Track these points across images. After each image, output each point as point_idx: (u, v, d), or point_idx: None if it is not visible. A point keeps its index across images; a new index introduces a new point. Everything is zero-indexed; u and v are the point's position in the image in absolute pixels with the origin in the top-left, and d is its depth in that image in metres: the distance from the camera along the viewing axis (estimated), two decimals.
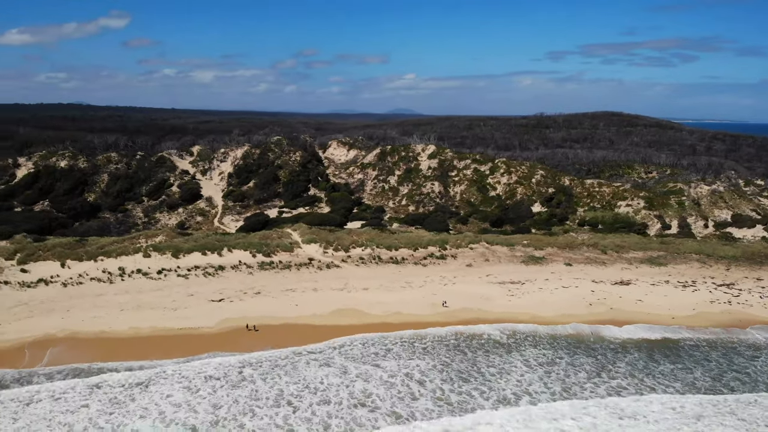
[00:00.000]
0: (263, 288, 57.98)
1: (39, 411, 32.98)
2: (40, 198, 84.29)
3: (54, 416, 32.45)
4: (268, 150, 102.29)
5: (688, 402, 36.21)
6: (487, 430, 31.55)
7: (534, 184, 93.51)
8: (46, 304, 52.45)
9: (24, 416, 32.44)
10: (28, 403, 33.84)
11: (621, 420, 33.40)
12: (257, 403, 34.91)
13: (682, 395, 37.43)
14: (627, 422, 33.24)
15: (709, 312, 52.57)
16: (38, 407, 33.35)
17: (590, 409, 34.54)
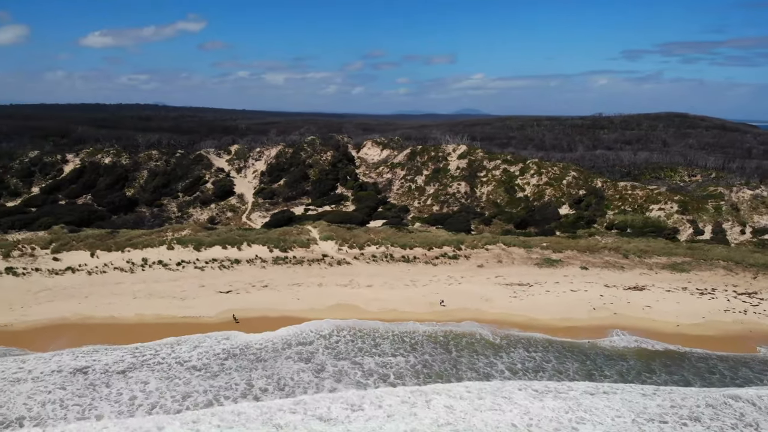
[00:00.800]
0: (271, 281, 59.83)
1: (22, 388, 35.90)
2: (83, 192, 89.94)
3: (32, 395, 35.19)
4: (301, 149, 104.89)
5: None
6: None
7: (564, 186, 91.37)
8: (68, 290, 56.27)
9: (5, 393, 35.38)
10: (14, 381, 36.88)
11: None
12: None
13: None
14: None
15: (719, 321, 50.10)
16: (22, 386, 36.23)
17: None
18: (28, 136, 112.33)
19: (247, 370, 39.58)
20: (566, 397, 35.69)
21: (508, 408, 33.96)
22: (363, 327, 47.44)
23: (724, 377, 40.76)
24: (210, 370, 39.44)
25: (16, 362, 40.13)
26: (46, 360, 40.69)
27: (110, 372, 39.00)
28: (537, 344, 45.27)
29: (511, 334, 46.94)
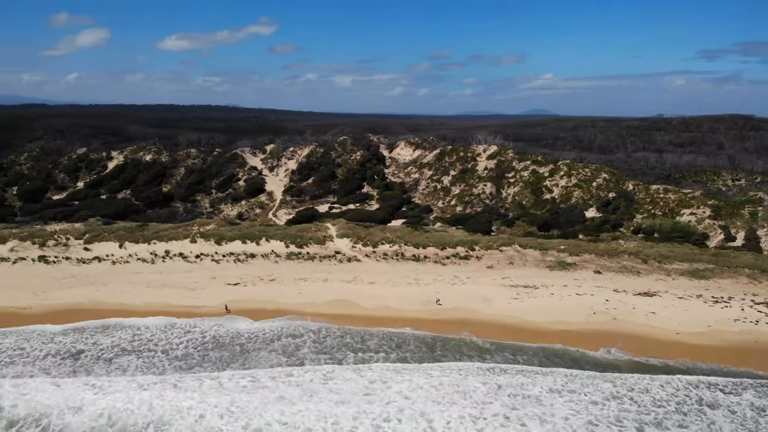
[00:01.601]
0: (279, 275, 61.73)
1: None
2: (123, 187, 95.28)
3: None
4: (331, 149, 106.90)
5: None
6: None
7: (594, 188, 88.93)
8: (90, 278, 60.18)
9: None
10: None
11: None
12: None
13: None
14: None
15: (725, 330, 47.77)
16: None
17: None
18: (80, 134, 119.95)
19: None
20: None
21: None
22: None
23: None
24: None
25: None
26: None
27: (102, 355, 41.88)
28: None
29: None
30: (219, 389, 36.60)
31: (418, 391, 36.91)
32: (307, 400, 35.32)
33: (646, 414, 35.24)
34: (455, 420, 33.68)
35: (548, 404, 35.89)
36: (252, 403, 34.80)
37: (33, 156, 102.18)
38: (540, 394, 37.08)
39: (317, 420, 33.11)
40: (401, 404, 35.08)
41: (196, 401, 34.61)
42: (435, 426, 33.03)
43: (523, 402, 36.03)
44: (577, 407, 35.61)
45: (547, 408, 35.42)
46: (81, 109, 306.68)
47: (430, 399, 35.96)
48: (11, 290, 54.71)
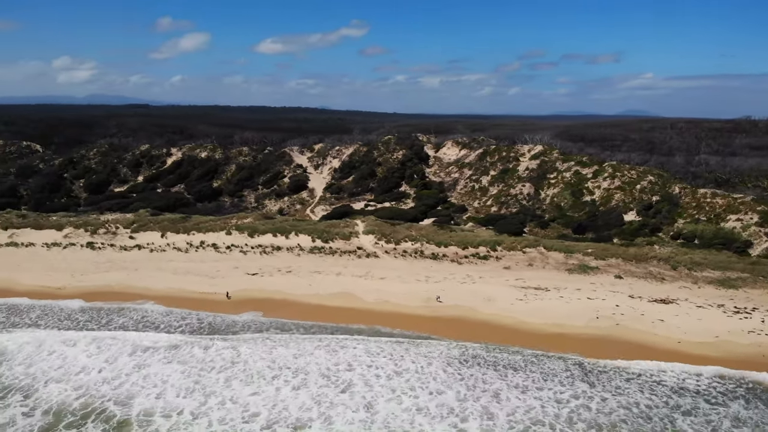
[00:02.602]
0: (298, 268, 64.32)
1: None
2: (178, 182, 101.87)
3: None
4: (374, 148, 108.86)
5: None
6: None
7: (637, 191, 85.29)
8: (126, 263, 65.43)
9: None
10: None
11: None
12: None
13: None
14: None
15: (733, 342, 45.13)
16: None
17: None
18: (148, 132, 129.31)
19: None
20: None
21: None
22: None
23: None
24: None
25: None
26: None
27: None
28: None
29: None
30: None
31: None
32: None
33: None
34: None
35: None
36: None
37: (101, 151, 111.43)
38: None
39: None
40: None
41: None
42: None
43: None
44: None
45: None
46: (179, 110, 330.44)
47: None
48: (53, 272, 60.74)
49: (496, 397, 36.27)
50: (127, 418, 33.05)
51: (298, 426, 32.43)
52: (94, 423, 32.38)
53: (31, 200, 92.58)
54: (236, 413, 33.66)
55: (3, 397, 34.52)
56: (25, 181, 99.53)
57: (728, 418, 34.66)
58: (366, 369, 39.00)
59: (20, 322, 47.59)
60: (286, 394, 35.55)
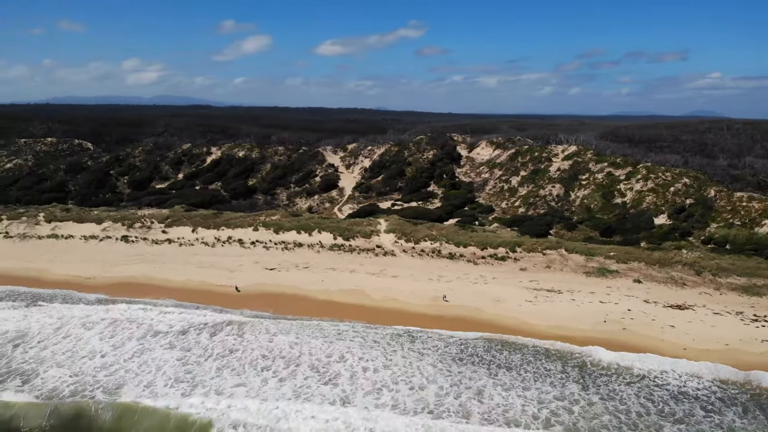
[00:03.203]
0: (315, 264, 65.84)
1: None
2: (215, 179, 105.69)
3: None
4: (405, 148, 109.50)
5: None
6: None
7: (670, 194, 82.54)
8: (154, 257, 68.64)
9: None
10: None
11: None
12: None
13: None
14: None
15: (743, 350, 43.47)
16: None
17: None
18: (193, 131, 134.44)
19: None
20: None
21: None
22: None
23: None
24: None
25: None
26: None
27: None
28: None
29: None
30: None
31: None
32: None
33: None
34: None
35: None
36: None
37: (146, 150, 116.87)
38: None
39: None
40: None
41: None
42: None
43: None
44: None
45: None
46: (238, 111, 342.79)
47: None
48: (86, 263, 64.55)
49: (478, 394, 36.45)
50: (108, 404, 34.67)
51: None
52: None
53: (78, 195, 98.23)
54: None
55: (2, 381, 37.11)
56: (73, 177, 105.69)
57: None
58: (357, 361, 39.90)
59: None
60: (272, 385, 36.86)
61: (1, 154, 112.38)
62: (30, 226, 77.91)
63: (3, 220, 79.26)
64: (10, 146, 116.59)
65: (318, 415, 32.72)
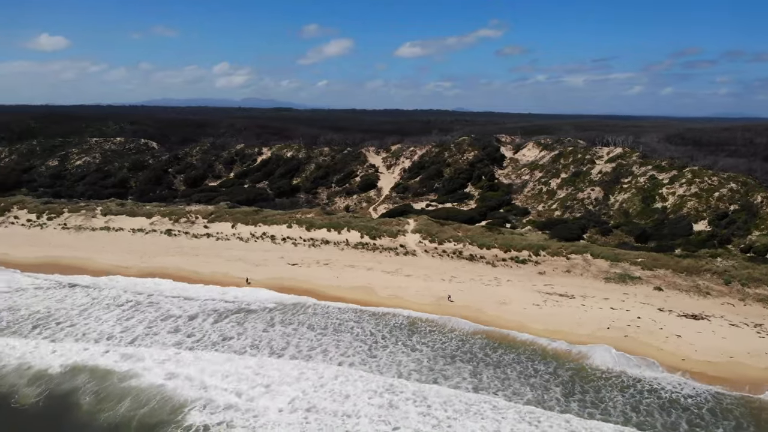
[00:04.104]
0: (335, 261, 68.13)
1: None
2: (263, 178, 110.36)
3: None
4: (446, 149, 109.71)
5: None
6: None
7: (714, 199, 78.44)
8: (192, 250, 73.18)
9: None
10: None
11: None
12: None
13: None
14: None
15: (747, 364, 41.61)
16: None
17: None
18: (250, 132, 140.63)
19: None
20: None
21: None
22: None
23: None
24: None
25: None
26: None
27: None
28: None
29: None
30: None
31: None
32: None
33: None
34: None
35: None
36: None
37: (203, 149, 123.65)
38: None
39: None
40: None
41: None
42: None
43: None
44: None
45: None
46: (318, 113, 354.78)
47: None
48: (127, 254, 69.95)
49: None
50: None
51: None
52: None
53: (137, 191, 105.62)
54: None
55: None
56: (135, 174, 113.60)
57: None
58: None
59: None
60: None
61: (73, 152, 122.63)
62: (87, 219, 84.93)
63: (64, 212, 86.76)
64: (82, 145, 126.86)
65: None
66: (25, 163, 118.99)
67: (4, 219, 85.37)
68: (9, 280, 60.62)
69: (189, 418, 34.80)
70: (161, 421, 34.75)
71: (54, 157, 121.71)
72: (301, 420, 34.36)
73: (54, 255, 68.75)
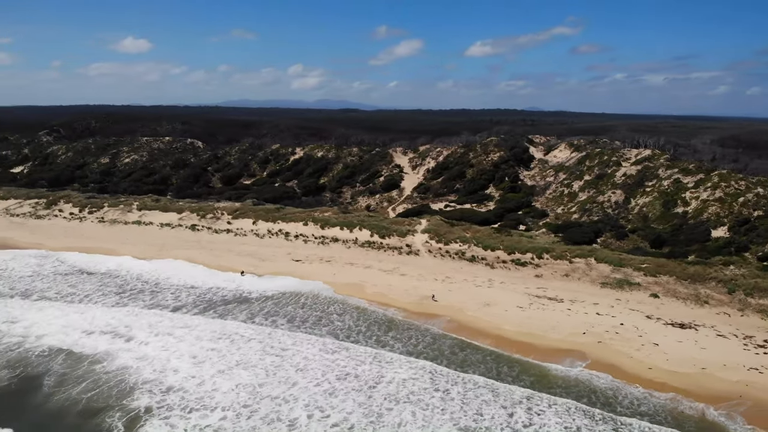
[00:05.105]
0: (337, 258, 70.21)
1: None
2: (293, 177, 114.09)
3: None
4: (471, 150, 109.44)
5: None
6: None
7: (738, 204, 74.85)
8: (209, 244, 77.21)
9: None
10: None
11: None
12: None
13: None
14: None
15: (718, 377, 40.16)
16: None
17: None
18: (290, 134, 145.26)
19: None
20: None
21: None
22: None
23: None
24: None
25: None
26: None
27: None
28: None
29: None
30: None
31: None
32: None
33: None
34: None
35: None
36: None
37: (242, 149, 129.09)
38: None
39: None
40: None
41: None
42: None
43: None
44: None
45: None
46: (382, 113, 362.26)
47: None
48: (148, 246, 74.78)
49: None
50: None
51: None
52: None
53: (176, 188, 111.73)
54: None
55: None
56: (177, 171, 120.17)
57: None
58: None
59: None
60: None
61: (123, 151, 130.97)
62: (123, 213, 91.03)
63: (104, 207, 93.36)
64: (132, 143, 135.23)
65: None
66: (79, 160, 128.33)
67: (50, 212, 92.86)
68: (39, 263, 66.95)
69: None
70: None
71: (106, 155, 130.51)
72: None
73: (82, 246, 74.42)
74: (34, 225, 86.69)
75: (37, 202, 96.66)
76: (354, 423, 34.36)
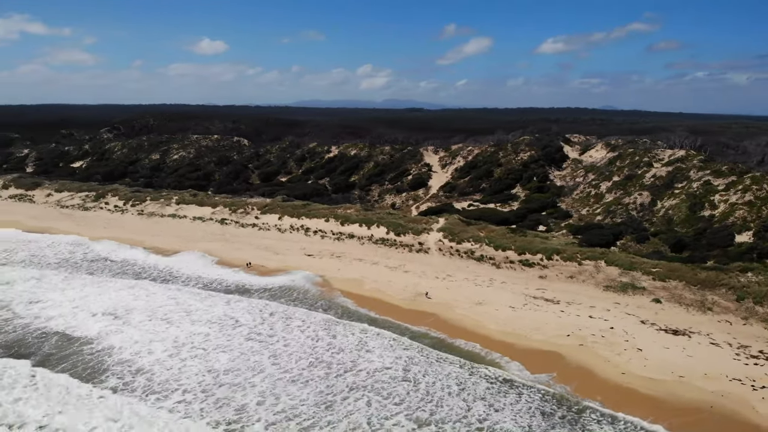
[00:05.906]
0: (348, 254, 72.21)
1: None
2: (326, 175, 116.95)
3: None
4: (502, 148, 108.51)
5: None
6: None
7: (767, 209, 71.23)
8: (232, 237, 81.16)
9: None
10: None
11: None
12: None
13: None
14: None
15: (694, 386, 39.06)
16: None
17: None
18: (330, 133, 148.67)
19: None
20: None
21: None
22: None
23: None
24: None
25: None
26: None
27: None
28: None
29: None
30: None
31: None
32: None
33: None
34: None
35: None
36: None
37: (282, 147, 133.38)
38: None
39: None
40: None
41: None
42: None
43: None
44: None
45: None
46: (447, 113, 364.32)
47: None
48: (176, 238, 79.41)
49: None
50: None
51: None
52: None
53: (217, 184, 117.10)
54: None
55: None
56: (220, 168, 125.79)
57: None
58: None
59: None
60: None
61: (173, 147, 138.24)
62: (162, 207, 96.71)
63: (147, 200, 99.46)
64: (183, 141, 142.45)
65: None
66: (132, 156, 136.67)
67: (96, 204, 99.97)
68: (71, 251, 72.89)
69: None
70: None
71: (157, 152, 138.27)
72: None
73: (117, 236, 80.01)
74: (80, 216, 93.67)
75: (87, 195, 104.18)
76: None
